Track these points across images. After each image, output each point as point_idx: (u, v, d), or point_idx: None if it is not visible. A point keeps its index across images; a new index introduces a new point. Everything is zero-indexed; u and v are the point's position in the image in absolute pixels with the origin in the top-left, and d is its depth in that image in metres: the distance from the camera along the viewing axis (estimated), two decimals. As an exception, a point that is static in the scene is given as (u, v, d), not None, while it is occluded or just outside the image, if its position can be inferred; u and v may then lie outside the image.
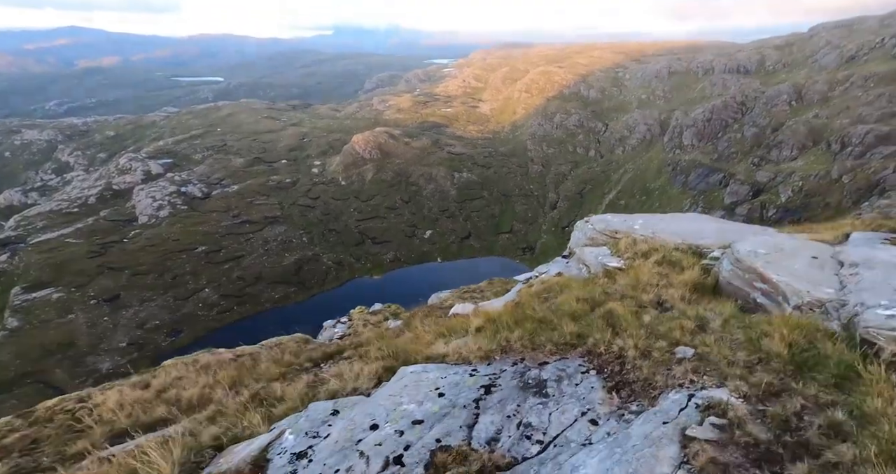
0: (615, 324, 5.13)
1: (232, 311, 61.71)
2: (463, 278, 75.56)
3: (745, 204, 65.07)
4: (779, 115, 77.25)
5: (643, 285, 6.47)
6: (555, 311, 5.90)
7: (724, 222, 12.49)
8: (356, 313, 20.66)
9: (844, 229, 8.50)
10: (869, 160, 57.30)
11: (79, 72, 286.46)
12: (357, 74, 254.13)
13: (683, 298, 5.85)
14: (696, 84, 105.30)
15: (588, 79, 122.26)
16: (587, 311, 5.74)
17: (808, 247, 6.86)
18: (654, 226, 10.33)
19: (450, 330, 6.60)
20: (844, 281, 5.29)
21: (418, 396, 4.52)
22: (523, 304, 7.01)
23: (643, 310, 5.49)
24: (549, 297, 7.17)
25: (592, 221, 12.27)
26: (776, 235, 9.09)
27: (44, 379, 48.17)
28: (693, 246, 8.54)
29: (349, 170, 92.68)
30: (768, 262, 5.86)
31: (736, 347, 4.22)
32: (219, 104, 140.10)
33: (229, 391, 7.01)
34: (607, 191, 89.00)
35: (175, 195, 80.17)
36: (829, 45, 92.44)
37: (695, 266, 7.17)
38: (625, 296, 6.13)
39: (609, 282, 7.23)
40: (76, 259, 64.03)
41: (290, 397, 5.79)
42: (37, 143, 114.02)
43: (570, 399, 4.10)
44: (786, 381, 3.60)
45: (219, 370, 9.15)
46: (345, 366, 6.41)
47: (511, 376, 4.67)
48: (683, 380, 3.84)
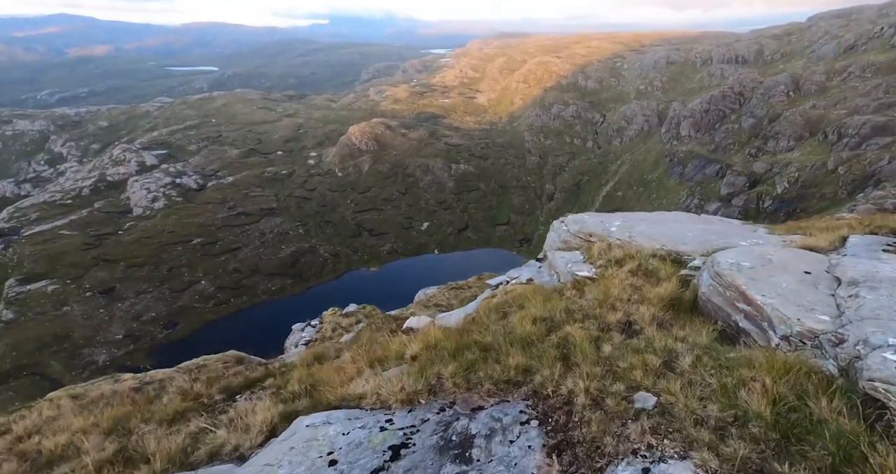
0: (570, 355, 4.41)
1: (228, 303, 61.64)
2: (459, 270, 75.65)
3: (741, 195, 65.18)
4: (776, 105, 77.08)
5: (612, 300, 5.73)
6: (506, 335, 5.17)
7: (710, 222, 11.19)
8: (328, 315, 19.37)
9: (841, 231, 7.58)
10: (865, 151, 57.36)
11: (70, 60, 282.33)
12: (353, 64, 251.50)
13: (655, 319, 5.05)
14: (694, 74, 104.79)
15: (586, 69, 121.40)
16: (543, 335, 4.98)
17: (799, 257, 5.91)
18: (632, 229, 9.28)
19: (384, 356, 5.81)
20: (842, 305, 4.40)
21: (301, 467, 3.53)
22: (478, 322, 6.37)
23: (606, 335, 4.76)
24: (508, 313, 6.42)
25: (567, 222, 11.00)
26: (766, 239, 8.26)
27: (40, 371, 48.16)
28: (673, 252, 7.67)
29: (345, 161, 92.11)
30: (753, 279, 4.97)
31: (707, 397, 3.47)
32: (213, 94, 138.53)
33: (106, 437, 5.82)
34: (604, 183, 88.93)
35: (170, 186, 79.55)
36: (828, 34, 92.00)
37: (672, 277, 6.37)
38: (588, 315, 5.36)
39: (577, 294, 6.58)
40: (71, 251, 63.65)
41: (163, 455, 4.67)
42: (29, 134, 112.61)
43: (499, 466, 3.28)
44: (767, 459, 2.83)
45: (106, 407, 7.60)
46: (243, 408, 5.32)
47: (432, 430, 3.83)
48: (639, 444, 3.11)
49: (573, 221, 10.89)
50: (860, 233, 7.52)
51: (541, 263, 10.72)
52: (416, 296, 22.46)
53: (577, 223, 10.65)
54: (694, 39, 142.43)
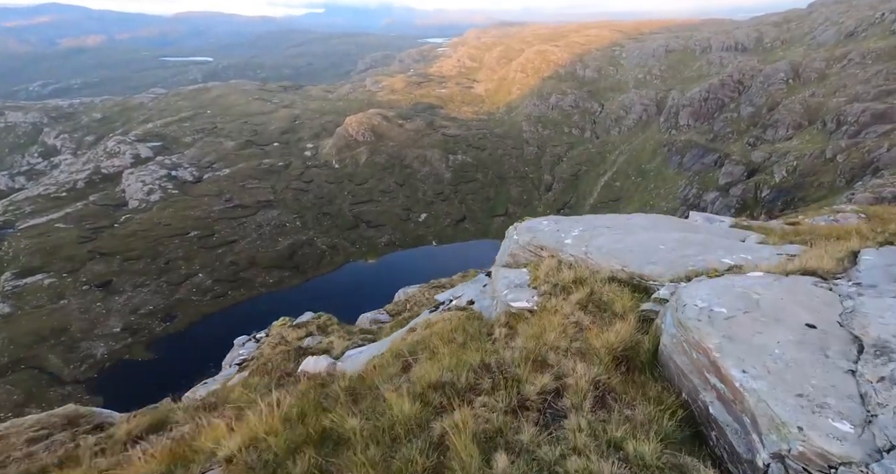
0: (445, 469, 3.01)
1: (226, 296, 61.59)
2: (457, 261, 75.66)
3: (739, 184, 64.96)
4: (775, 93, 76.49)
5: (546, 350, 4.30)
6: (376, 417, 3.75)
7: (692, 229, 8.77)
8: (276, 327, 16.93)
9: (849, 243, 5.84)
10: (864, 139, 57.06)
11: (62, 51, 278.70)
12: (349, 54, 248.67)
13: (595, 388, 3.51)
14: (693, 62, 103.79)
15: (584, 58, 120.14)
16: (423, 423, 3.52)
17: (798, 295, 4.01)
18: (590, 242, 7.31)
19: (193, 452, 4.37)
20: (870, 396, 2.65)
21: None
22: (379, 370, 5.18)
23: (512, 425, 3.25)
24: (412, 363, 4.98)
25: (519, 230, 8.82)
26: (756, 253, 6.25)
27: (38, 365, 48.20)
28: (636, 275, 5.92)
29: (342, 152, 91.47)
30: (729, 338, 3.33)
31: None
32: (208, 85, 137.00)
33: None
34: (603, 173, 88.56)
35: (165, 179, 79.00)
36: (828, 21, 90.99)
37: (630, 313, 4.79)
38: (506, 377, 3.83)
39: (507, 335, 5.22)
40: (66, 244, 63.36)
41: None
42: (21, 126, 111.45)
43: None
44: None
45: None
46: None
47: None
48: None
49: (525, 230, 8.68)
50: (873, 244, 5.91)
51: (488, 280, 8.94)
52: (395, 295, 21.27)
53: (530, 232, 8.47)
54: (694, 27, 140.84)
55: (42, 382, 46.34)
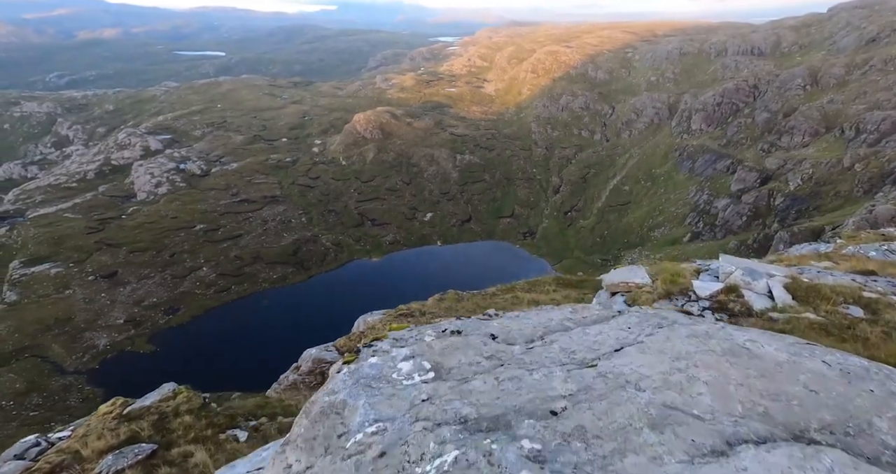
0: None
1: (230, 291, 61.58)
2: (461, 263, 74.90)
3: (752, 191, 63.66)
4: (792, 99, 74.88)
5: None
6: None
7: (743, 363, 2.91)
8: (97, 417, 10.58)
9: None
10: (884, 148, 55.55)
11: (79, 43, 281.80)
12: (361, 51, 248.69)
13: None
14: (707, 66, 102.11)
15: (596, 59, 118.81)
16: None
17: None
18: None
19: None
20: None
21: None
22: None
23: None
24: None
25: None
26: None
27: (41, 353, 48.46)
28: None
29: (350, 149, 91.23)
30: None
31: None
32: (219, 79, 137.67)
33: None
34: (612, 176, 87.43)
35: (174, 172, 79.30)
36: (849, 26, 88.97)
37: None
38: None
39: None
40: (74, 234, 63.76)
41: None
42: (36, 116, 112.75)
43: None
44: None
45: None
46: None
47: None
48: None
49: None
50: None
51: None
52: (355, 323, 18.70)
53: None
54: (709, 30, 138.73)
55: (44, 371, 46.56)
